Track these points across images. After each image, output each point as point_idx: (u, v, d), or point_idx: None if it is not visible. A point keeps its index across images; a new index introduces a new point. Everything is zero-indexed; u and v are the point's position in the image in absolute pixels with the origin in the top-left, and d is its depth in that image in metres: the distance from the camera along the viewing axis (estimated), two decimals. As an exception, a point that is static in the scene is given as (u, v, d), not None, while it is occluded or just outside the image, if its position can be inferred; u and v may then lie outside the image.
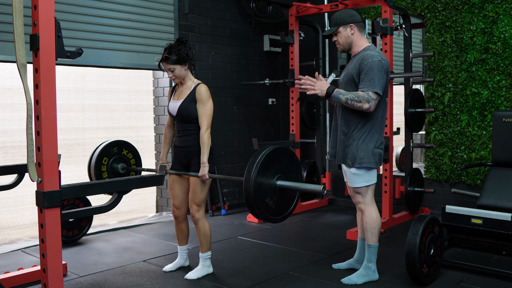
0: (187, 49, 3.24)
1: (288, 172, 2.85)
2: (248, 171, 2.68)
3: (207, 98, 3.22)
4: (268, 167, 2.73)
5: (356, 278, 3.21)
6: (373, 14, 5.59)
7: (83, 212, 2.68)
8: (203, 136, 3.18)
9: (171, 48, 3.20)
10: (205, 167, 3.17)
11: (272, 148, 2.76)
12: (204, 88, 3.24)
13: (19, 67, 2.07)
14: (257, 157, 2.71)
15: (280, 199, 2.82)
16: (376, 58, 3.04)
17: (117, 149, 3.87)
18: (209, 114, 3.22)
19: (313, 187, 2.70)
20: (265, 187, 2.72)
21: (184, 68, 3.25)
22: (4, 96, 4.32)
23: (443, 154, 5.13)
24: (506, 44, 4.67)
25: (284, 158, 2.83)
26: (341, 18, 3.18)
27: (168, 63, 3.21)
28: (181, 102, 3.27)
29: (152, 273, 3.47)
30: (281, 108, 6.45)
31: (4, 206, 4.36)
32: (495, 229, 3.21)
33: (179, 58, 3.19)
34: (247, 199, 2.69)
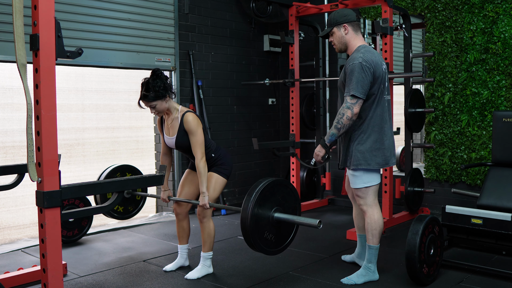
0: (163, 81, 3.15)
1: (285, 202, 2.85)
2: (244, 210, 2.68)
3: (196, 127, 3.17)
4: (265, 201, 2.74)
5: (355, 278, 3.21)
6: (373, 14, 5.59)
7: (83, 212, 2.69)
8: (198, 165, 3.17)
9: (148, 85, 3.13)
10: (204, 196, 3.18)
11: (268, 182, 2.75)
12: (190, 117, 3.18)
13: (19, 67, 2.07)
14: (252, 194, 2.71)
15: (279, 231, 2.82)
16: (357, 60, 3.03)
17: (120, 174, 3.93)
18: (200, 143, 3.18)
19: (309, 221, 2.70)
20: (263, 222, 2.72)
21: (165, 101, 3.18)
22: (4, 96, 4.32)
23: (443, 154, 5.13)
24: (506, 44, 4.67)
25: (280, 189, 2.83)
26: (334, 19, 3.18)
27: (148, 101, 3.15)
28: (175, 137, 3.27)
29: (152, 273, 3.47)
30: (281, 108, 6.45)
31: (4, 206, 4.35)
32: (495, 229, 3.21)
33: (157, 94, 3.12)
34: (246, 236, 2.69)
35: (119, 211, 3.89)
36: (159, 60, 5.07)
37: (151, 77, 3.15)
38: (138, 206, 3.99)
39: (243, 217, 2.66)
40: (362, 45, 3.16)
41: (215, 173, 3.35)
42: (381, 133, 3.15)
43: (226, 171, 3.38)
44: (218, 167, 3.37)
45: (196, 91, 5.37)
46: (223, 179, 3.37)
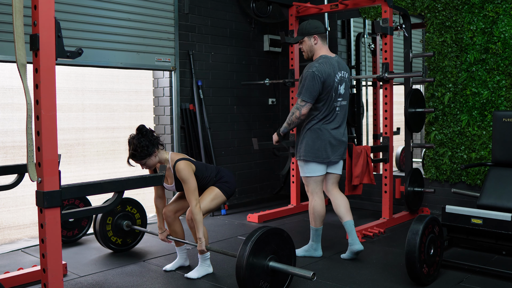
0: (149, 138, 3.14)
1: (280, 250, 2.90)
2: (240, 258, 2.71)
3: (187, 176, 3.15)
4: (260, 250, 2.78)
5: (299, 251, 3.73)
6: (373, 14, 5.59)
7: (83, 212, 2.68)
8: (194, 212, 3.15)
9: (134, 144, 3.11)
10: (201, 242, 3.20)
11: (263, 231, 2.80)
12: (181, 167, 3.15)
13: (19, 67, 2.07)
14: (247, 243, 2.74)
15: (274, 279, 2.86)
16: (311, 69, 3.47)
17: (121, 207, 3.96)
18: (193, 190, 3.16)
19: (303, 272, 2.75)
20: (258, 271, 2.76)
21: (154, 156, 3.17)
22: (4, 96, 4.32)
23: (443, 154, 5.13)
24: (506, 44, 4.67)
25: (275, 238, 2.88)
26: (306, 29, 3.59)
27: (137, 160, 3.16)
28: (174, 185, 3.30)
29: (152, 273, 3.47)
30: (281, 108, 6.45)
31: (4, 206, 4.35)
32: (495, 229, 3.20)
33: (144, 153, 3.11)
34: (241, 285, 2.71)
35: (118, 243, 3.93)
36: (159, 60, 5.07)
37: (136, 136, 3.14)
38: (137, 239, 4.06)
39: (238, 265, 2.71)
40: (323, 55, 3.58)
41: (216, 188, 3.35)
42: (326, 132, 3.59)
43: (228, 190, 3.38)
44: (221, 183, 3.37)
45: (196, 91, 5.37)
46: (223, 196, 3.36)
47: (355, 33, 6.38)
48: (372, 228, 4.42)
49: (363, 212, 5.46)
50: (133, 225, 3.99)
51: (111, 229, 3.90)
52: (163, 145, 3.27)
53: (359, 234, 4.25)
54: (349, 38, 6.28)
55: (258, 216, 5.01)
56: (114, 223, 3.92)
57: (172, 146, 5.25)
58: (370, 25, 6.43)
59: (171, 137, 5.24)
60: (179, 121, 5.25)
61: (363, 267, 3.53)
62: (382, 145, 4.71)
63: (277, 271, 2.84)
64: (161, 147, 3.23)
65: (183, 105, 5.28)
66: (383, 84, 4.66)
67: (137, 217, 4.06)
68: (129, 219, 4.00)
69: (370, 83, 6.61)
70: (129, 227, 3.97)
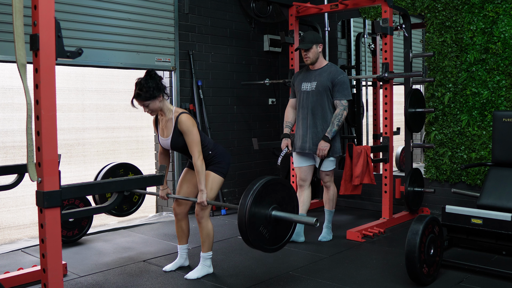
0: (156, 81, 3.17)
1: (284, 204, 2.86)
2: (244, 197, 2.68)
3: (191, 127, 3.18)
4: (265, 196, 2.74)
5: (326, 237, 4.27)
6: (373, 14, 5.59)
7: (83, 212, 2.69)
8: (196, 164, 3.17)
9: (141, 84, 3.15)
10: (203, 194, 3.19)
11: (270, 178, 2.78)
12: (184, 118, 3.19)
13: (19, 67, 2.07)
14: (255, 184, 2.72)
15: (275, 229, 2.82)
16: (342, 73, 4.06)
17: (124, 171, 3.93)
18: (196, 142, 3.19)
19: (306, 219, 2.73)
20: (260, 219, 2.72)
21: (158, 101, 3.19)
22: (4, 96, 4.33)
23: (443, 154, 5.13)
24: (506, 44, 4.67)
25: (281, 189, 2.85)
26: (315, 38, 4.08)
27: (141, 100, 3.17)
28: (170, 138, 3.27)
29: (152, 273, 3.47)
30: (281, 108, 6.44)
31: (4, 206, 4.36)
32: (495, 229, 3.20)
33: (150, 93, 3.14)
34: (240, 225, 2.68)
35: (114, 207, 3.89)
36: (159, 60, 5.07)
37: (144, 77, 3.18)
38: (134, 207, 4.00)
39: (240, 213, 2.66)
40: (330, 62, 4.22)
41: (212, 172, 3.34)
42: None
43: (223, 170, 3.37)
44: (215, 165, 3.36)
45: (196, 91, 5.37)
46: (220, 178, 3.36)
47: (355, 33, 6.38)
48: (372, 228, 4.42)
49: (363, 212, 5.46)
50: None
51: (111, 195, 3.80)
52: (168, 95, 3.29)
53: (359, 234, 4.26)
54: (349, 38, 6.28)
55: (258, 216, 5.00)
56: None
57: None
58: (370, 25, 6.43)
59: (171, 137, 5.24)
60: (179, 121, 5.24)
61: (363, 267, 3.53)
62: (382, 145, 4.71)
63: (280, 221, 2.79)
64: (166, 96, 3.26)
65: (183, 105, 5.28)
66: (383, 84, 4.66)
67: None
68: None
69: (370, 83, 6.61)
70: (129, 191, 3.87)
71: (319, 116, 4.08)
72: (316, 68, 4.15)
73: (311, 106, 4.09)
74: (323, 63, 4.16)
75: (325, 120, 4.06)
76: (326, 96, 4.06)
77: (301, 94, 4.18)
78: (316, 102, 4.08)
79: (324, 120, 4.07)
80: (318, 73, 4.12)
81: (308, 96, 4.12)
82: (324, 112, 4.07)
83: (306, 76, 4.19)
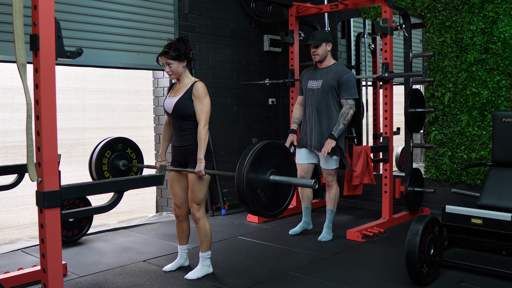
0: (187, 47, 3.26)
1: (283, 169, 2.80)
2: (242, 159, 2.63)
3: (204, 94, 3.23)
4: (264, 159, 2.68)
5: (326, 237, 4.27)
6: (373, 14, 5.59)
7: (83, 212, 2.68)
8: (200, 132, 3.17)
9: (172, 44, 3.23)
10: (201, 163, 3.15)
11: (270, 141, 2.75)
12: (201, 85, 3.25)
13: (19, 67, 2.07)
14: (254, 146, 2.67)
15: (273, 194, 2.76)
16: (349, 73, 4.10)
17: (122, 146, 3.84)
18: (207, 111, 3.21)
19: (304, 181, 2.72)
20: (258, 178, 2.66)
21: (182, 65, 3.26)
22: (4, 96, 4.33)
23: (443, 154, 5.13)
24: (506, 44, 4.67)
25: (280, 154, 2.79)
26: (325, 36, 4.15)
27: (167, 58, 3.22)
28: (177, 98, 3.26)
29: (152, 273, 3.47)
30: (281, 108, 6.45)
31: (4, 206, 4.36)
32: (495, 229, 3.21)
33: (178, 54, 3.21)
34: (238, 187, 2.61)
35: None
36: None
37: (177, 39, 3.27)
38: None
39: (238, 174, 2.61)
40: (337, 61, 4.26)
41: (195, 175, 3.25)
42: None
43: (208, 166, 3.27)
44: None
45: (196, 91, 5.36)
46: (207, 176, 3.28)
47: (355, 33, 6.38)
48: (372, 228, 4.42)
49: (363, 212, 5.46)
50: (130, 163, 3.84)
51: (106, 163, 3.73)
52: (193, 66, 3.36)
53: (359, 234, 4.26)
54: (349, 38, 6.28)
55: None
56: (111, 160, 3.75)
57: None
58: (370, 25, 6.43)
59: (171, 137, 5.24)
60: (179, 121, 5.24)
61: (363, 267, 3.53)
62: (382, 145, 4.71)
63: (277, 186, 2.75)
64: (190, 65, 3.32)
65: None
66: (383, 84, 4.66)
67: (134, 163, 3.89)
68: (126, 161, 3.82)
69: (370, 83, 6.61)
70: (126, 166, 3.80)
71: (324, 114, 4.13)
72: (324, 66, 4.21)
73: (316, 104, 4.16)
74: (330, 62, 4.22)
75: (330, 118, 4.11)
76: (332, 95, 4.11)
77: (307, 92, 4.26)
78: (321, 100, 4.13)
79: (329, 118, 4.12)
80: (325, 71, 4.18)
81: (314, 94, 4.19)
82: (329, 110, 4.12)
83: (313, 74, 4.25)
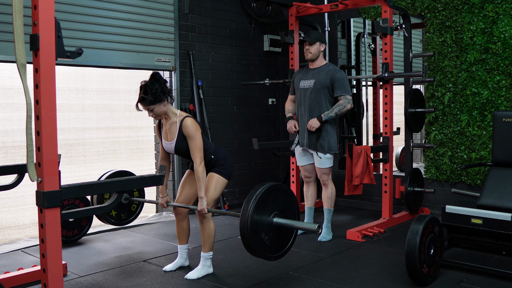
0: (161, 85, 3.13)
1: (286, 211, 2.87)
2: (246, 203, 2.70)
3: (194, 132, 3.17)
4: (267, 202, 2.75)
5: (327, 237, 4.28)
6: (373, 14, 5.59)
7: (83, 212, 2.69)
8: (197, 170, 3.17)
9: (146, 88, 3.11)
10: (203, 201, 3.19)
11: (273, 184, 2.80)
12: (189, 122, 3.17)
13: (19, 67, 2.07)
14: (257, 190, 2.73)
15: (276, 236, 2.83)
16: (340, 72, 4.17)
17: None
18: (199, 147, 3.18)
19: (308, 225, 2.76)
20: (261, 222, 2.73)
21: (163, 105, 3.16)
22: (4, 96, 4.33)
23: (443, 154, 5.13)
24: (506, 44, 4.67)
25: (283, 196, 2.87)
26: (320, 37, 4.24)
27: (146, 105, 3.13)
28: (174, 142, 3.26)
29: (152, 273, 3.47)
30: (281, 108, 6.44)
31: (4, 206, 4.36)
32: (495, 229, 3.20)
33: (155, 97, 3.10)
34: (242, 232, 2.69)
35: (112, 215, 3.87)
36: (159, 60, 5.07)
37: (150, 80, 3.14)
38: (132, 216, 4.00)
39: (242, 219, 2.68)
40: (328, 62, 4.34)
41: (216, 174, 3.35)
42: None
43: (227, 171, 3.39)
44: (219, 167, 3.37)
45: (196, 91, 5.37)
46: (224, 180, 3.37)
47: (355, 33, 6.38)
48: (372, 228, 4.42)
49: (363, 212, 5.46)
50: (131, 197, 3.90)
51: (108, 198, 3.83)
52: (173, 99, 3.27)
53: (359, 234, 4.26)
54: (349, 38, 6.28)
55: (258, 216, 5.00)
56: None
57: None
58: (370, 25, 6.43)
59: (171, 137, 5.24)
60: (179, 121, 5.24)
61: (363, 267, 3.53)
62: (382, 145, 4.71)
63: (281, 228, 2.80)
64: (170, 100, 3.24)
65: (183, 105, 5.28)
66: (383, 84, 4.66)
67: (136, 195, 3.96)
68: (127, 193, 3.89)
69: (370, 83, 6.61)
70: (127, 200, 3.84)
71: (316, 113, 4.17)
72: (315, 66, 4.28)
73: (308, 104, 4.20)
74: (322, 62, 4.29)
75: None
76: (324, 94, 4.16)
77: (299, 92, 4.30)
78: (313, 99, 4.18)
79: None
80: (317, 71, 4.24)
81: (306, 94, 4.23)
82: (321, 109, 4.16)
83: (305, 74, 4.31)
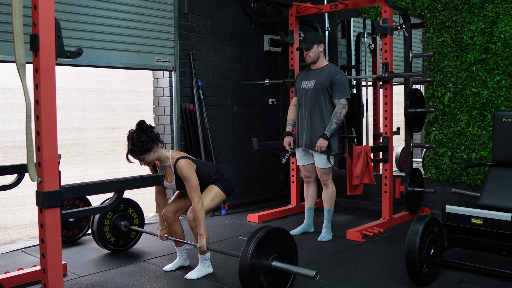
0: (148, 133, 3.11)
1: (284, 254, 2.91)
2: (246, 246, 2.73)
3: (188, 173, 3.16)
4: (266, 245, 2.78)
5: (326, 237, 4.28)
6: (373, 14, 5.59)
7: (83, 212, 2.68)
8: (195, 209, 3.17)
9: (133, 140, 3.08)
10: (202, 239, 3.21)
11: (272, 228, 2.83)
12: (182, 164, 3.16)
13: (18, 67, 2.07)
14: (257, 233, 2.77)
15: (274, 279, 2.85)
16: (341, 73, 4.16)
17: (124, 206, 3.97)
18: (195, 187, 3.18)
19: (306, 271, 2.77)
20: (260, 265, 2.75)
21: (153, 152, 3.15)
22: (4, 96, 4.32)
23: (443, 154, 5.13)
24: (506, 44, 4.67)
25: (282, 239, 2.90)
26: (316, 38, 4.21)
27: (135, 156, 3.12)
28: (174, 184, 3.30)
29: (152, 273, 3.47)
30: (281, 108, 6.44)
31: (4, 206, 4.35)
32: (495, 229, 3.20)
33: (143, 148, 3.09)
34: (241, 273, 2.71)
35: (110, 241, 3.91)
36: (159, 60, 5.07)
37: (136, 131, 3.11)
38: (131, 243, 4.04)
39: (241, 261, 2.71)
40: (330, 62, 4.32)
41: (216, 186, 3.36)
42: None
43: (228, 188, 3.40)
44: (221, 182, 3.39)
45: (196, 91, 5.37)
46: (223, 194, 3.38)
47: (355, 33, 6.38)
48: (372, 228, 4.42)
49: (363, 212, 5.46)
50: (131, 226, 3.99)
51: (108, 225, 3.88)
52: (162, 143, 3.26)
53: (359, 234, 4.26)
54: (349, 38, 6.28)
55: (258, 216, 5.01)
56: (112, 221, 3.91)
57: (172, 146, 5.25)
58: (370, 25, 6.43)
59: (171, 137, 5.25)
60: (179, 121, 5.25)
61: (363, 267, 3.53)
62: (382, 145, 4.71)
63: (279, 272, 2.84)
64: (160, 144, 3.22)
65: (183, 105, 5.28)
66: (383, 84, 4.66)
67: (135, 222, 4.06)
68: (128, 221, 3.99)
69: (370, 83, 6.61)
70: (127, 227, 3.96)
71: (317, 114, 4.20)
72: (317, 67, 4.29)
73: (309, 104, 4.24)
74: (323, 63, 4.29)
75: (322, 118, 4.19)
76: (324, 95, 4.18)
77: (301, 92, 4.34)
78: (314, 100, 4.21)
79: (321, 118, 4.19)
80: (318, 72, 4.25)
81: (306, 94, 4.27)
82: (321, 110, 4.19)
83: (306, 75, 4.34)
